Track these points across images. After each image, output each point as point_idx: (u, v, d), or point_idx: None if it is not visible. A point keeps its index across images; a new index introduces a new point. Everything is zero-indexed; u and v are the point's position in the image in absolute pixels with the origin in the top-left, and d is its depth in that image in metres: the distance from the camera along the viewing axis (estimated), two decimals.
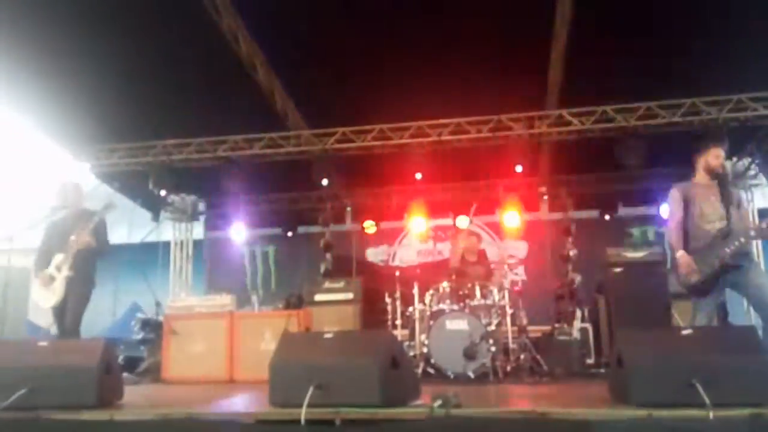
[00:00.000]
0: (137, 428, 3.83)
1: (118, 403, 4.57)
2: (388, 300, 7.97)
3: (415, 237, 11.95)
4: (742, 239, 4.77)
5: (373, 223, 11.52)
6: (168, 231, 12.09)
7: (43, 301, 5.75)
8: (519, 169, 9.14)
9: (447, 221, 11.46)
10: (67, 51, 7.66)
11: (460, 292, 7.18)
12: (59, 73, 8.04)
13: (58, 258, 5.69)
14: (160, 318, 8.43)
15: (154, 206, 10.16)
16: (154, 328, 8.71)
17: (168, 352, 7.66)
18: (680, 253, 4.92)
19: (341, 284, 8.30)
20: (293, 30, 7.68)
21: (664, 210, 9.82)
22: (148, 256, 11.19)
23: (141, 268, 9.21)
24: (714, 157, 5.06)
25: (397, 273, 8.03)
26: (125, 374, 7.58)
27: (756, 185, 10.39)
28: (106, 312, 12.34)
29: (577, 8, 7.13)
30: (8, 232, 5.76)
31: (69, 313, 5.66)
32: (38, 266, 5.79)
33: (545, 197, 11.82)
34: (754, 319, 8.53)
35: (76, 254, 5.67)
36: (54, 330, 5.98)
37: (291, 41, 7.93)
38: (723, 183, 5.04)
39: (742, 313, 8.75)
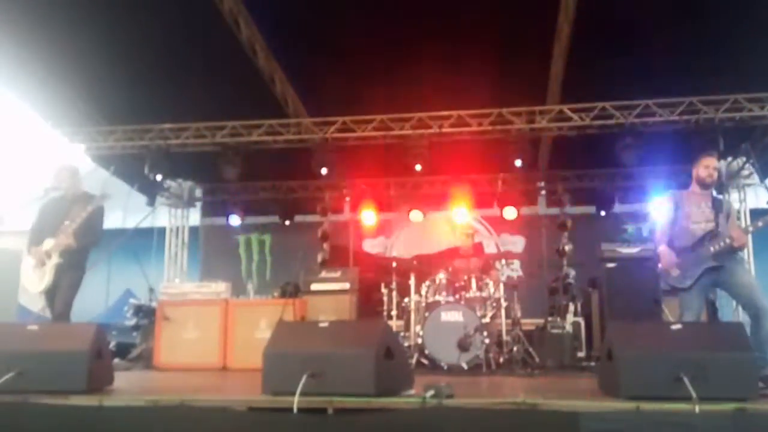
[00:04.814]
0: (127, 414, 3.79)
1: (108, 389, 4.54)
2: (384, 290, 7.97)
3: (413, 229, 11.90)
4: (727, 240, 4.91)
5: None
6: (164, 217, 11.99)
7: (31, 286, 5.70)
8: (518, 163, 9.09)
9: (446, 213, 11.42)
10: (66, 31, 7.58)
11: (456, 284, 7.20)
12: (57, 54, 7.94)
13: (49, 243, 5.62)
14: (154, 304, 8.36)
15: (150, 191, 10.06)
16: (147, 314, 8.66)
17: (160, 339, 7.61)
18: (661, 248, 5.10)
19: (338, 274, 8.23)
20: (295, 16, 7.61)
21: (651, 206, 10.07)
22: (143, 242, 11.06)
23: (135, 253, 9.10)
24: (703, 167, 5.20)
25: (394, 264, 8.00)
26: (116, 360, 7.57)
27: (749, 185, 10.44)
28: (98, 297, 12.24)
29: (580, 4, 7.13)
30: None
31: (59, 298, 5.61)
32: (31, 245, 5.73)
33: (543, 192, 11.81)
34: (742, 316, 8.61)
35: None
36: (47, 314, 5.92)
37: (293, 27, 7.87)
38: (715, 190, 5.24)
39: (731, 310, 8.80)
